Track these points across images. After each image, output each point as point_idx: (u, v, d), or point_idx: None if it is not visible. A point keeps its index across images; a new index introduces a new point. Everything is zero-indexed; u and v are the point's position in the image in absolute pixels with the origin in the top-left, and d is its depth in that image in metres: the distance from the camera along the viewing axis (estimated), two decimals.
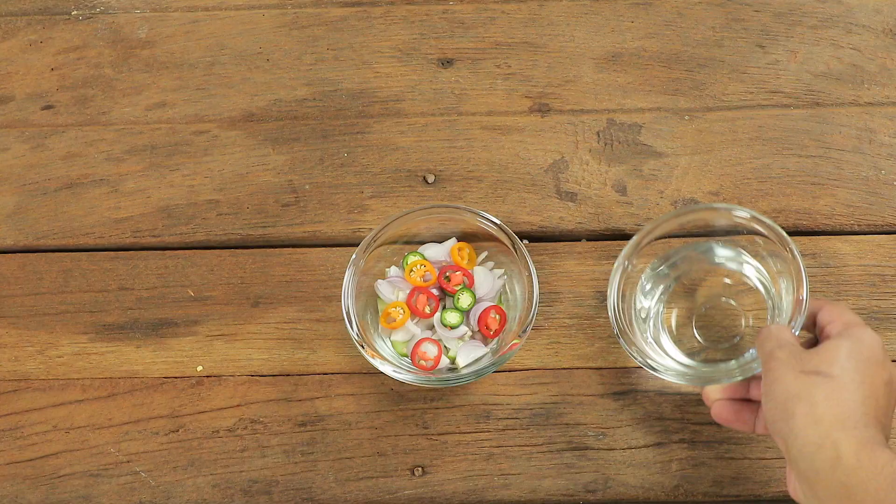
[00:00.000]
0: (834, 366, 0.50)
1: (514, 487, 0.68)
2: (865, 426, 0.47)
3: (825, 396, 0.48)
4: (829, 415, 0.48)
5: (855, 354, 0.50)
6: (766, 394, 0.51)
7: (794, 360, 0.51)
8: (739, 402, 0.59)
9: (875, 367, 0.50)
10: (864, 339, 0.52)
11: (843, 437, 0.47)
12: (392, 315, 0.70)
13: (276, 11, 0.89)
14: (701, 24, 0.86)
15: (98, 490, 0.69)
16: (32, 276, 0.77)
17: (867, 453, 0.46)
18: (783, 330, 0.55)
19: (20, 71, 0.86)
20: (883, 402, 0.50)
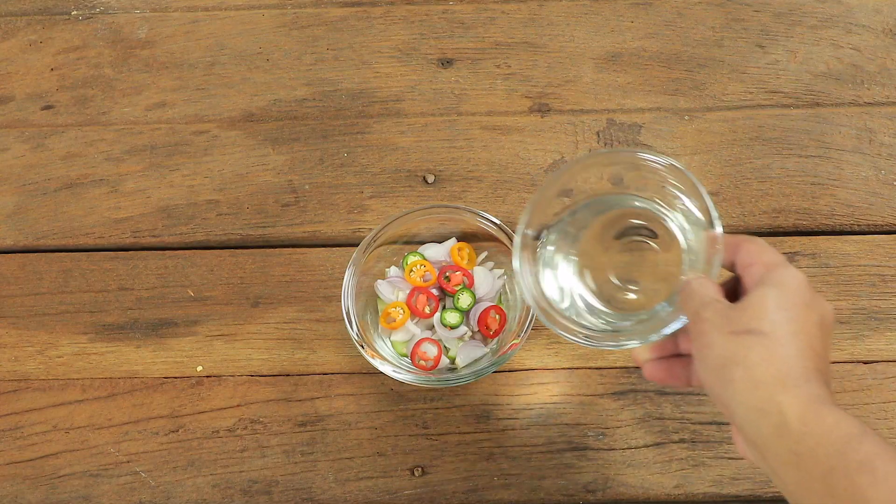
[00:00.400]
0: (764, 321, 0.46)
1: (514, 487, 0.68)
2: (807, 382, 0.45)
3: (761, 357, 0.45)
4: (769, 376, 0.45)
5: (783, 303, 0.47)
6: (699, 360, 0.48)
7: (722, 321, 0.47)
8: (670, 358, 0.54)
9: (805, 311, 0.47)
10: (789, 282, 0.48)
11: (786, 399, 0.44)
12: (392, 315, 0.70)
13: (276, 11, 0.89)
14: (701, 24, 0.86)
15: (98, 490, 0.69)
16: (32, 276, 0.77)
17: (813, 415, 0.44)
18: (705, 284, 0.50)
19: (20, 71, 0.86)
20: (819, 348, 0.47)
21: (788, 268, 0.48)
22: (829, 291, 0.74)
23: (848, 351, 0.72)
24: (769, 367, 0.45)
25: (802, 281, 0.48)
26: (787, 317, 0.46)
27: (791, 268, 0.49)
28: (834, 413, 0.43)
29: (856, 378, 0.71)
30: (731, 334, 0.46)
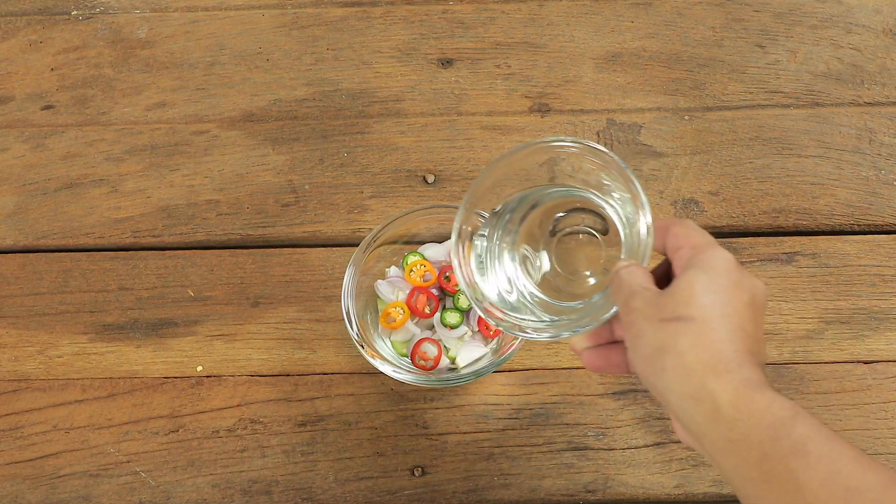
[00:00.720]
0: (692, 306, 0.45)
1: (514, 487, 0.68)
2: (739, 365, 0.44)
3: (691, 343, 0.44)
4: (699, 362, 0.44)
5: (711, 286, 0.45)
6: (631, 349, 0.47)
7: (651, 309, 0.46)
8: (607, 346, 0.53)
9: (734, 292, 0.46)
10: (717, 263, 0.46)
11: (717, 385, 0.43)
12: (392, 315, 0.70)
13: (276, 11, 0.89)
14: (701, 24, 0.86)
15: (98, 490, 0.69)
16: (32, 276, 0.77)
17: (745, 400, 0.43)
18: (634, 273, 0.49)
19: (20, 71, 0.86)
20: (751, 329, 0.46)
21: (716, 248, 0.47)
22: (829, 291, 0.74)
23: (848, 351, 0.72)
24: (700, 354, 0.44)
25: (730, 261, 0.47)
26: (716, 300, 0.45)
27: (719, 248, 0.48)
28: (766, 396, 0.43)
29: (856, 378, 0.71)
30: (660, 322, 0.45)
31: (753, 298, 0.47)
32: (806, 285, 0.74)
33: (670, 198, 0.78)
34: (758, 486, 0.42)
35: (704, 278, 0.46)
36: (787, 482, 0.40)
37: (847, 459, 0.40)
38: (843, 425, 0.69)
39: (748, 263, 0.75)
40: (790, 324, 0.73)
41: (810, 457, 0.40)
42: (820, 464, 0.40)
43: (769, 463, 0.41)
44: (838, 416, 0.69)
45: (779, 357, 0.72)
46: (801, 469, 0.40)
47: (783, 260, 0.75)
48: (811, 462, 0.40)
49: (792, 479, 0.40)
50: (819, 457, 0.40)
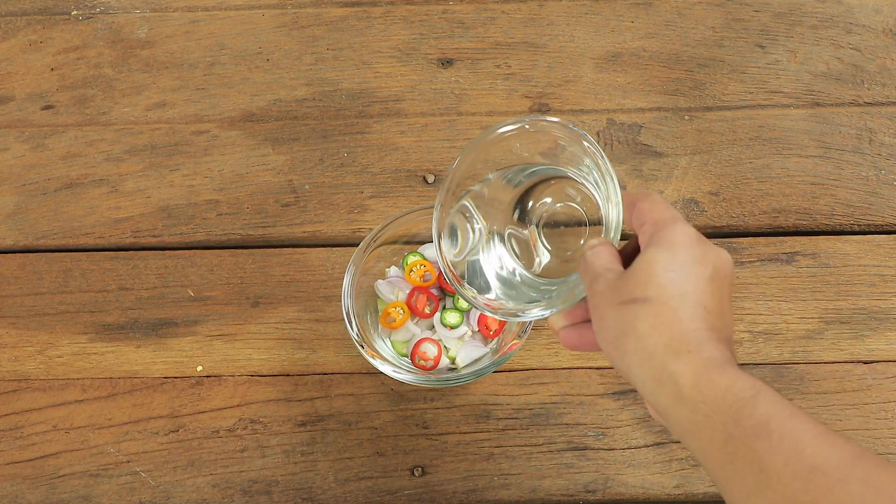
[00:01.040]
0: (650, 286, 0.44)
1: (514, 487, 0.68)
2: (699, 345, 0.43)
3: (650, 325, 0.43)
4: (660, 345, 0.43)
5: (670, 264, 0.44)
6: (597, 332, 0.47)
7: (611, 292, 0.46)
8: (583, 325, 0.52)
9: (694, 267, 0.45)
10: (677, 239, 0.45)
11: (678, 367, 0.43)
12: (392, 315, 0.70)
13: (276, 11, 0.89)
14: (701, 24, 0.86)
15: (98, 490, 0.69)
16: (32, 276, 0.77)
17: (706, 382, 0.42)
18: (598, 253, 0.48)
19: (20, 71, 0.86)
20: (713, 304, 0.45)
21: (676, 224, 0.46)
22: (829, 291, 0.74)
23: (848, 351, 0.72)
24: (659, 335, 0.43)
25: (691, 236, 0.46)
26: (674, 278, 0.44)
27: (679, 223, 0.46)
28: (727, 376, 0.42)
29: (856, 378, 0.71)
30: (619, 305, 0.45)
31: (716, 272, 0.46)
32: (806, 285, 0.74)
33: (670, 198, 0.78)
34: (724, 468, 0.41)
35: (663, 256, 0.45)
36: (751, 463, 0.40)
37: (810, 437, 0.39)
38: (843, 425, 0.69)
39: (748, 263, 0.75)
40: (790, 324, 0.73)
41: (773, 436, 0.40)
42: (783, 443, 0.39)
43: (733, 444, 0.41)
44: (838, 416, 0.69)
45: (779, 357, 0.72)
46: (764, 450, 0.40)
47: (783, 260, 0.75)
48: (774, 442, 0.40)
49: (756, 461, 0.40)
50: (782, 436, 0.40)
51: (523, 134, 0.56)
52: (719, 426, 0.41)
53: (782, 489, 0.39)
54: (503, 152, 0.57)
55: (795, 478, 0.39)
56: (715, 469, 0.42)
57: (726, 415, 0.41)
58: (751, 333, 0.72)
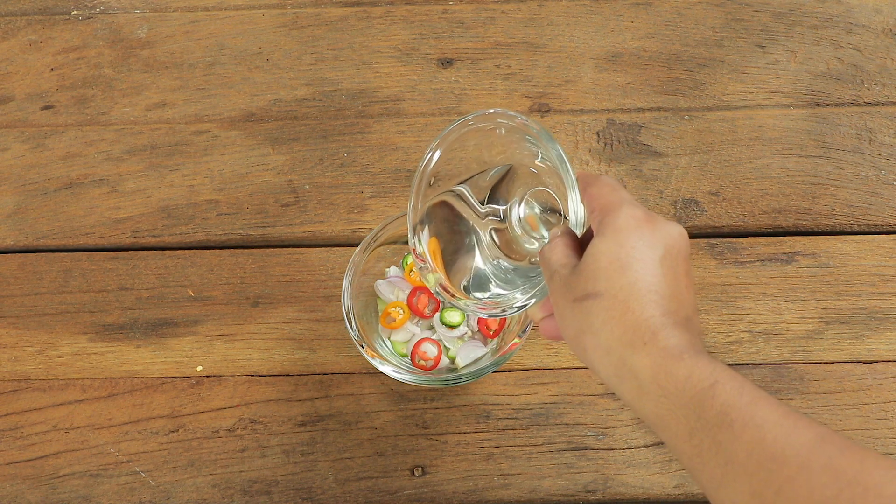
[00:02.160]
0: (599, 281, 0.43)
1: (514, 487, 0.68)
2: (654, 334, 0.42)
3: (603, 321, 0.43)
4: (615, 339, 0.42)
5: (617, 253, 0.43)
6: (561, 330, 0.46)
7: (566, 290, 0.45)
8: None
9: (643, 252, 0.43)
10: (621, 224, 0.44)
11: (636, 361, 0.42)
12: (392, 315, 0.70)
13: (276, 11, 0.89)
14: (701, 24, 0.86)
15: (98, 490, 0.69)
16: (32, 276, 0.77)
17: (664, 374, 0.41)
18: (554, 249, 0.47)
19: (20, 71, 0.86)
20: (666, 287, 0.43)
21: (622, 208, 0.45)
22: (829, 291, 0.74)
23: (848, 351, 0.72)
24: (613, 330, 0.43)
25: (638, 218, 0.44)
26: (621, 266, 0.43)
27: (626, 206, 0.45)
28: (685, 366, 0.41)
29: (856, 378, 0.71)
30: (573, 302, 0.44)
31: (667, 251, 0.44)
32: (806, 285, 0.74)
33: (670, 198, 0.78)
34: (692, 460, 0.41)
35: (609, 246, 0.44)
36: (716, 455, 0.40)
37: (771, 424, 0.39)
38: (843, 425, 0.69)
39: (748, 263, 0.75)
40: (790, 324, 0.73)
41: (734, 426, 0.39)
42: (745, 433, 0.39)
43: (697, 437, 0.40)
44: (838, 416, 0.69)
45: (779, 357, 0.72)
46: (727, 441, 0.39)
47: (783, 260, 0.75)
48: (736, 432, 0.39)
49: (721, 452, 0.39)
50: (743, 425, 0.39)
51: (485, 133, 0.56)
52: (682, 419, 0.41)
53: (748, 479, 0.39)
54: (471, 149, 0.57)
55: (760, 468, 0.38)
56: (684, 460, 0.42)
57: (687, 408, 0.41)
58: (751, 333, 0.72)
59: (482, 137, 0.56)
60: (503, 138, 0.56)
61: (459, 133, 0.56)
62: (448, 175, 0.59)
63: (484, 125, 0.55)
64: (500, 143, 0.57)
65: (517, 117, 0.52)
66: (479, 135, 0.56)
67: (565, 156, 0.49)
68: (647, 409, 0.43)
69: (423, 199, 0.58)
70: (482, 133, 0.56)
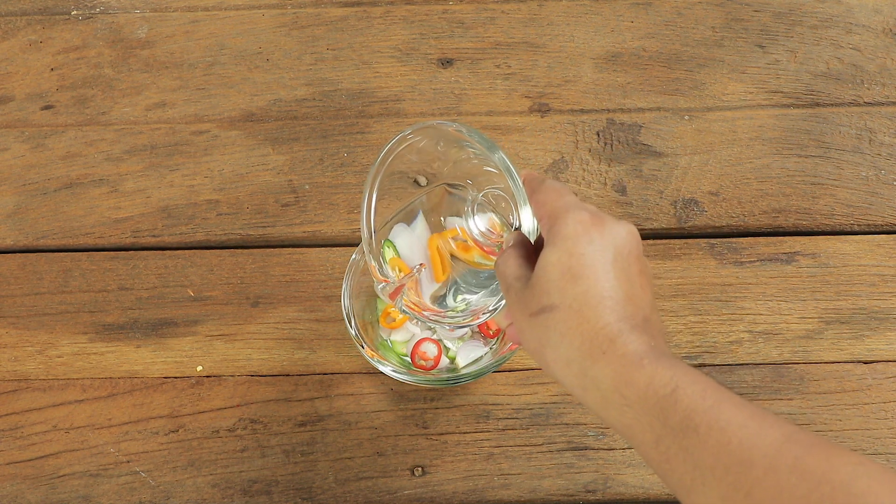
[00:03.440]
0: (552, 293, 0.43)
1: (514, 487, 0.68)
2: (612, 342, 0.41)
3: (561, 333, 0.42)
4: (574, 350, 0.42)
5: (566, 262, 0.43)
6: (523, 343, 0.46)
7: (521, 305, 0.44)
8: None
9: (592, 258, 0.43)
10: (568, 231, 0.43)
11: (597, 372, 0.41)
12: (392, 315, 0.70)
13: (276, 11, 0.89)
14: (701, 24, 0.86)
15: (98, 490, 0.69)
16: (32, 276, 0.77)
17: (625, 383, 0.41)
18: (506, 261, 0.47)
19: (20, 71, 0.86)
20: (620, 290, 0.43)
21: (569, 213, 0.44)
22: (829, 291, 0.74)
23: (848, 351, 0.72)
24: (572, 341, 0.42)
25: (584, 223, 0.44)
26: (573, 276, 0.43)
27: (572, 211, 0.44)
28: (645, 373, 0.41)
29: (856, 378, 0.71)
30: (530, 317, 0.44)
31: (617, 253, 0.44)
32: (806, 285, 0.74)
33: (670, 198, 0.78)
34: (661, 466, 0.41)
35: (559, 257, 0.43)
36: (684, 462, 0.39)
37: (736, 426, 0.38)
38: (843, 425, 0.69)
39: (748, 263, 0.75)
40: (790, 324, 0.73)
41: (699, 431, 0.39)
42: (710, 437, 0.39)
43: (664, 444, 0.40)
44: (838, 416, 0.69)
45: (779, 357, 0.72)
46: (693, 446, 0.39)
47: (783, 260, 0.75)
48: (701, 437, 0.39)
49: (689, 459, 0.39)
50: (708, 429, 0.39)
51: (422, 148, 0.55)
52: (647, 427, 0.41)
53: (717, 484, 0.38)
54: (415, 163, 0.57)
55: (728, 472, 0.38)
56: (653, 466, 0.42)
57: (651, 415, 0.40)
58: (751, 333, 0.72)
59: (419, 154, 0.56)
60: (443, 150, 0.56)
61: (398, 150, 0.55)
62: (394, 194, 0.58)
63: (421, 138, 0.55)
64: (442, 155, 0.57)
65: (450, 126, 0.51)
66: (415, 150, 0.56)
67: (510, 163, 0.48)
68: (613, 418, 0.42)
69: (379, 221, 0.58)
70: (419, 149, 0.56)
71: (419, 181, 0.81)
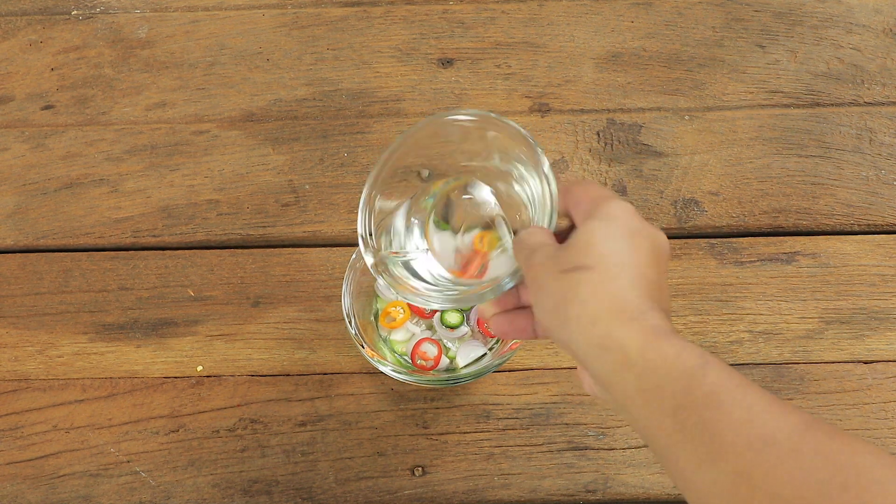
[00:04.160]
0: (591, 255, 0.44)
1: (514, 487, 0.68)
2: (643, 313, 0.43)
3: (592, 291, 0.43)
4: (603, 310, 0.43)
5: (610, 235, 0.45)
6: (536, 304, 0.46)
7: (551, 262, 0.45)
8: (514, 311, 0.53)
9: (634, 240, 0.45)
10: (614, 212, 0.45)
11: (625, 333, 0.42)
12: (392, 315, 0.70)
13: (276, 11, 0.89)
14: (701, 24, 0.86)
15: (98, 490, 0.69)
16: (32, 276, 0.77)
17: (654, 349, 0.41)
18: (534, 233, 0.49)
19: (20, 71, 0.86)
20: (654, 276, 0.45)
21: (615, 199, 0.47)
22: (829, 291, 0.74)
23: (848, 351, 0.72)
24: (603, 301, 0.43)
25: (629, 210, 0.46)
26: (615, 248, 0.44)
27: (617, 199, 0.47)
28: (674, 345, 0.42)
29: (856, 378, 0.71)
30: (560, 273, 0.45)
31: (654, 247, 0.46)
32: (806, 285, 0.74)
33: (670, 198, 0.78)
34: (671, 436, 0.41)
35: (602, 227, 0.45)
36: (701, 432, 0.39)
37: (760, 407, 0.39)
38: (844, 425, 0.69)
39: (748, 263, 0.75)
40: (790, 324, 0.73)
41: (724, 406, 0.39)
42: (734, 413, 0.39)
43: (683, 413, 0.40)
44: (838, 416, 0.69)
45: (779, 357, 0.72)
46: (715, 419, 0.39)
47: (783, 260, 0.75)
48: (725, 411, 0.39)
49: (707, 430, 0.39)
50: (732, 405, 0.39)
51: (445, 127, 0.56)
52: (668, 395, 0.41)
53: (734, 459, 0.38)
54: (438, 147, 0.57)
55: (748, 448, 0.38)
56: (661, 438, 0.41)
57: (676, 384, 0.41)
58: (751, 333, 0.72)
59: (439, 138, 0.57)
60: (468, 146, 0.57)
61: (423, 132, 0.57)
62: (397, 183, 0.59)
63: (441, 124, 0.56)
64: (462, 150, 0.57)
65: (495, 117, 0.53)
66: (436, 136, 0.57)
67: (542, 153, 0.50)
68: (629, 382, 0.42)
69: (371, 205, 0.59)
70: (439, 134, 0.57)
71: (421, 174, 0.81)
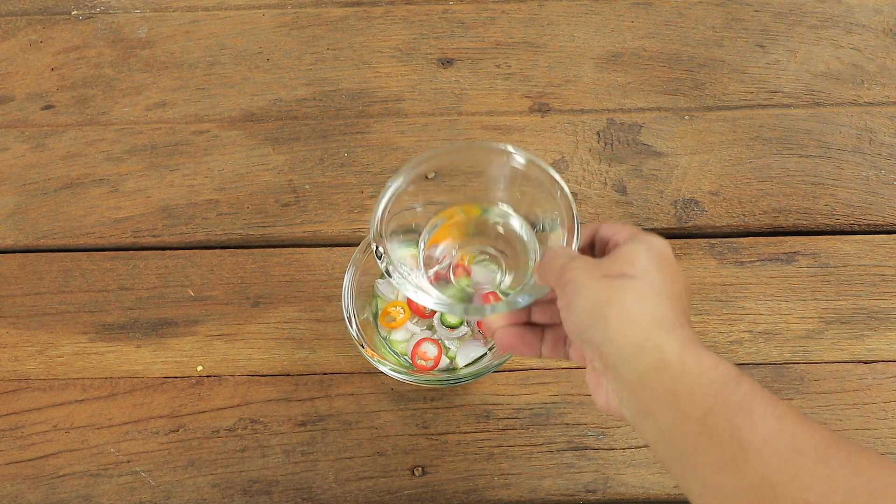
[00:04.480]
0: (636, 267, 0.46)
1: (514, 487, 0.68)
2: (682, 326, 0.45)
3: (636, 299, 0.45)
4: (645, 317, 0.44)
5: (653, 256, 0.47)
6: (569, 306, 0.47)
7: (594, 267, 0.47)
8: (522, 326, 0.55)
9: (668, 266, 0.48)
10: (655, 242, 0.48)
11: (664, 338, 0.44)
12: (392, 315, 0.70)
13: (276, 11, 0.89)
14: (701, 24, 0.86)
15: (98, 490, 0.69)
16: (32, 276, 0.77)
17: (692, 356, 0.43)
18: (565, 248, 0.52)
19: (20, 71, 0.86)
20: (685, 304, 0.48)
21: (648, 235, 0.49)
22: (830, 291, 0.74)
23: (848, 351, 0.72)
24: (645, 310, 0.45)
25: (667, 245, 0.49)
26: (657, 267, 0.47)
27: (651, 235, 0.49)
28: (711, 356, 0.44)
29: (856, 378, 0.71)
30: (603, 278, 0.46)
31: (686, 282, 0.49)
32: (806, 285, 0.74)
33: (670, 198, 0.78)
34: (697, 440, 0.42)
35: (646, 249, 0.48)
36: (730, 438, 0.41)
37: (790, 420, 0.41)
38: (843, 425, 0.69)
39: (748, 263, 0.75)
40: (790, 324, 0.73)
41: (754, 415, 0.41)
42: (764, 422, 0.41)
43: (713, 418, 0.41)
44: (838, 416, 0.69)
45: (779, 357, 0.72)
46: (744, 426, 0.41)
47: (783, 260, 0.75)
48: (755, 420, 0.41)
49: (735, 436, 0.41)
50: (763, 415, 0.41)
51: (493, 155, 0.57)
52: (700, 399, 0.42)
53: (761, 465, 0.40)
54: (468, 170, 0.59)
55: (775, 455, 0.40)
56: (686, 441, 0.42)
57: (709, 389, 0.42)
58: (751, 333, 0.72)
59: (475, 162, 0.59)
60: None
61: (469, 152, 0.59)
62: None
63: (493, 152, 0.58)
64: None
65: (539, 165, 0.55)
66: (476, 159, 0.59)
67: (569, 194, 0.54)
68: (662, 383, 0.43)
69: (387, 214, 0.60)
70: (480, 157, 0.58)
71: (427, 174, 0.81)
